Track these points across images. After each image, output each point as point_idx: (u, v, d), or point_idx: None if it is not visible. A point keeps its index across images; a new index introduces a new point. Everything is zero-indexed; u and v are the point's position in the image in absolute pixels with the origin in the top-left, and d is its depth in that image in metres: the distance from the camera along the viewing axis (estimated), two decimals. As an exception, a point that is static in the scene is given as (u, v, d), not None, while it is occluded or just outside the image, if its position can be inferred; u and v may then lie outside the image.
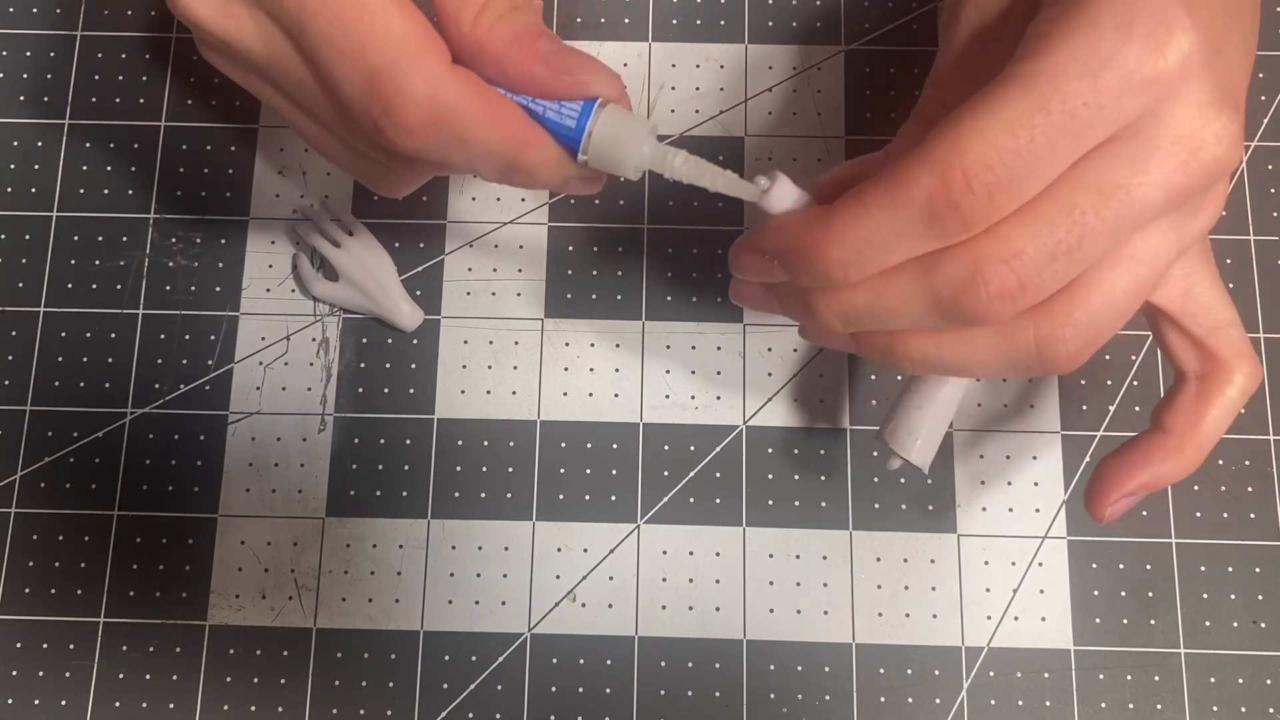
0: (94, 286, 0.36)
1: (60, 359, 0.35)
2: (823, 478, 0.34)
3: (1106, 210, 0.21)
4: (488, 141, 0.24)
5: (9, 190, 0.37)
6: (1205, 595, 0.33)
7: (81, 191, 0.37)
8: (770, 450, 0.35)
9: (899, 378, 0.35)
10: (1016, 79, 0.21)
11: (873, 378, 0.35)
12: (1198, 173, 0.22)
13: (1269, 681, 0.33)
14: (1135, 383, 0.35)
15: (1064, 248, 0.21)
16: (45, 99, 0.37)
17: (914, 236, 0.22)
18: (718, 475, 0.34)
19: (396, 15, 0.24)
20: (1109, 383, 0.35)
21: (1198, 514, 0.34)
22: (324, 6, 0.24)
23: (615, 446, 0.35)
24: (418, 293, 0.36)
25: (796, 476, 0.34)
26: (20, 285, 0.36)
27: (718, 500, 0.34)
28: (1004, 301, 0.22)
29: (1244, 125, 0.23)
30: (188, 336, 0.35)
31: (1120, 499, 0.27)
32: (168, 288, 0.36)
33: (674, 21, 0.38)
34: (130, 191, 0.37)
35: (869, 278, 0.23)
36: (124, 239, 0.36)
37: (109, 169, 0.37)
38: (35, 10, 0.38)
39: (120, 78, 0.37)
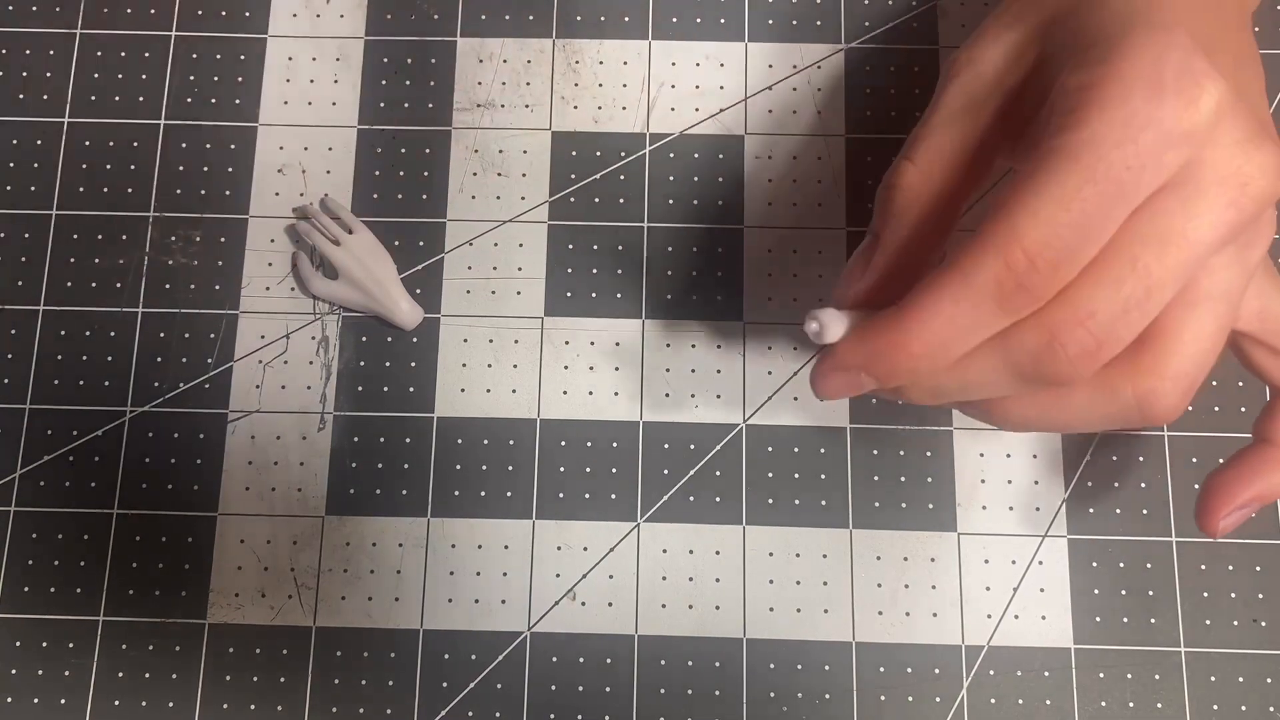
0: (94, 285, 0.36)
1: (60, 357, 0.35)
2: (823, 476, 0.34)
3: (1168, 258, 0.22)
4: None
5: (9, 189, 0.37)
6: (1205, 594, 0.33)
7: (81, 190, 0.37)
8: (770, 449, 0.35)
9: None
10: (1059, 154, 0.21)
11: (873, 376, 0.35)
12: (1248, 207, 0.22)
13: (1269, 680, 0.33)
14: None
15: (1134, 301, 0.22)
16: (45, 98, 0.37)
17: (988, 319, 0.22)
18: (718, 474, 0.34)
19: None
20: (1109, 381, 0.35)
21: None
22: None
23: (615, 445, 0.35)
24: (418, 291, 0.36)
25: (796, 475, 0.34)
26: (20, 284, 0.36)
27: (717, 499, 0.34)
28: (1085, 361, 0.22)
29: None
30: (187, 335, 0.35)
31: (1232, 512, 0.27)
32: (167, 286, 0.36)
33: (674, 20, 0.38)
34: (130, 190, 0.37)
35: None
36: (123, 237, 0.36)
37: (108, 168, 0.37)
38: (35, 9, 0.38)
39: (120, 77, 0.37)
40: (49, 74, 0.37)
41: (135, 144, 0.37)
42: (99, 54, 0.38)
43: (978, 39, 0.26)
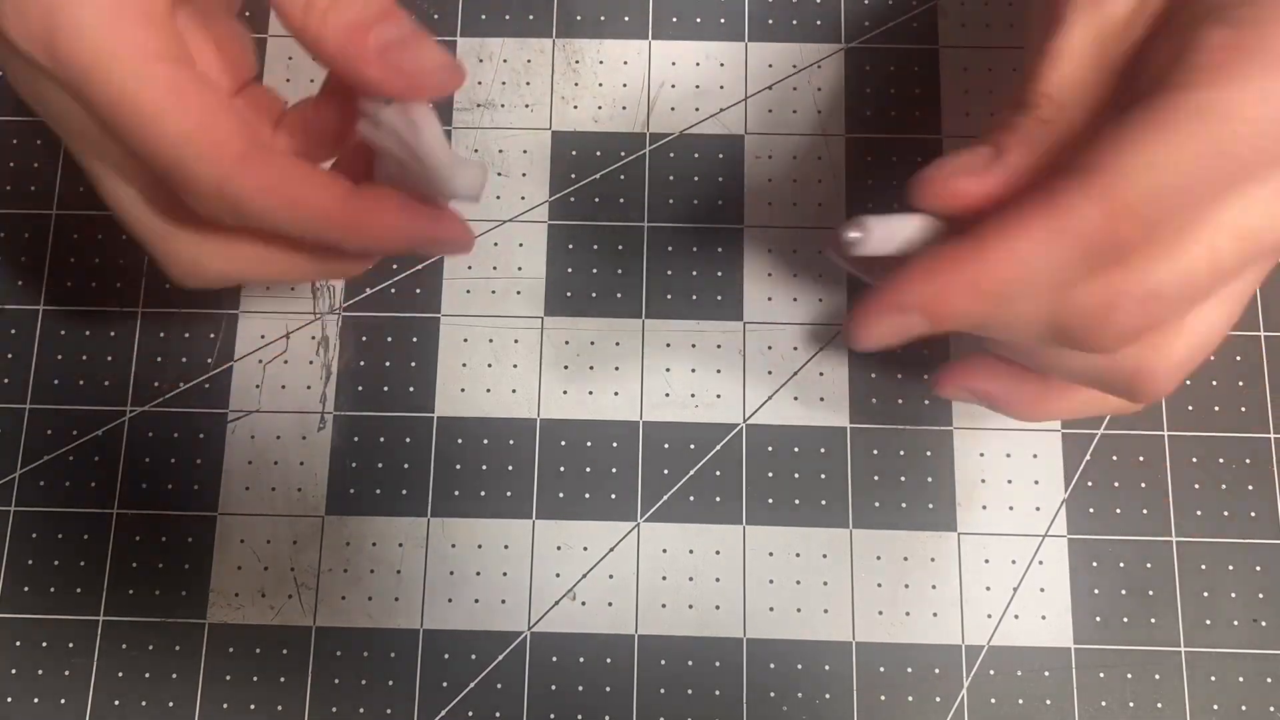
0: (94, 285, 0.36)
1: (60, 357, 0.35)
2: (823, 476, 0.34)
3: (1243, 254, 0.21)
4: (297, 224, 0.23)
5: (9, 189, 0.37)
6: (1206, 593, 0.33)
7: (81, 190, 0.37)
8: (770, 448, 0.35)
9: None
10: (1188, 109, 0.20)
11: (873, 376, 0.35)
12: None
13: (1269, 680, 0.33)
14: (1135, 381, 0.35)
15: (1200, 289, 0.21)
16: (45, 97, 0.37)
17: (1067, 268, 0.21)
18: (718, 473, 0.34)
19: (173, 117, 0.22)
20: (1109, 381, 0.35)
21: (1198, 512, 0.34)
22: (104, 103, 0.22)
23: (615, 445, 0.35)
24: (418, 290, 0.36)
25: (796, 475, 0.34)
26: (20, 283, 0.36)
27: (717, 498, 0.34)
28: (1131, 336, 0.21)
29: None
30: (187, 335, 0.35)
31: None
32: (167, 286, 0.36)
33: (674, 19, 0.38)
34: (130, 190, 0.36)
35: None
36: (123, 236, 0.36)
37: (108, 167, 0.37)
38: (35, 8, 0.38)
39: (120, 76, 0.37)
40: (49, 73, 0.37)
41: (135, 144, 0.37)
42: (99, 53, 0.38)
43: None
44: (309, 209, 0.23)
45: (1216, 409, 0.35)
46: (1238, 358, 0.35)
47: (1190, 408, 0.35)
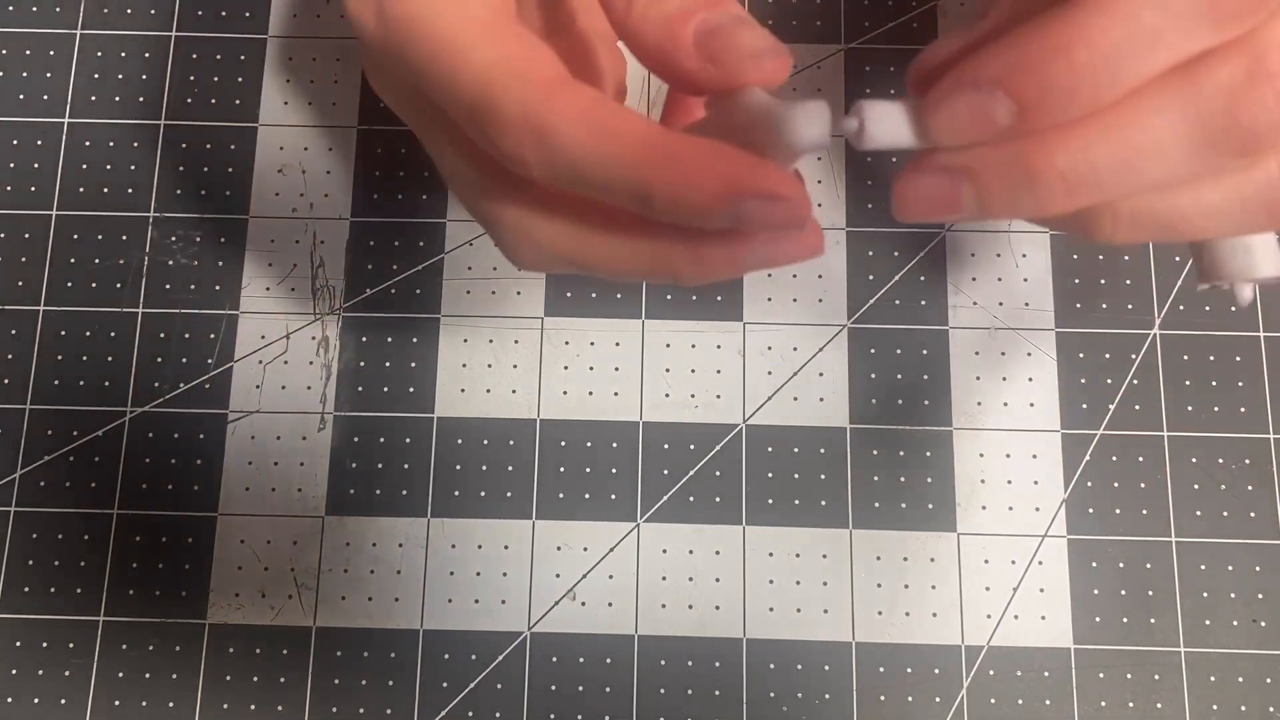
0: (93, 285, 0.36)
1: (60, 358, 0.35)
2: (822, 476, 0.34)
3: None
4: (601, 161, 0.20)
5: (9, 189, 0.37)
6: (1205, 594, 0.33)
7: (81, 190, 0.37)
8: (770, 449, 0.35)
9: None
10: None
11: (873, 376, 0.35)
12: None
13: (1269, 680, 0.33)
14: (1135, 381, 0.35)
15: None
16: (44, 98, 0.37)
17: (1189, 24, 0.17)
18: (717, 474, 0.34)
19: (483, 49, 0.21)
20: (1109, 382, 0.35)
21: (1198, 513, 0.34)
22: (421, 46, 0.21)
23: (615, 445, 0.35)
24: (418, 291, 0.36)
25: (796, 475, 0.34)
26: (20, 284, 0.36)
27: (717, 499, 0.34)
28: None
29: None
30: (187, 335, 0.35)
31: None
32: (167, 286, 0.36)
33: (674, 20, 0.38)
34: (130, 190, 0.37)
35: (1110, 113, 0.18)
36: (123, 238, 0.36)
37: (108, 167, 0.37)
38: (35, 9, 0.38)
39: (119, 76, 0.37)
40: (49, 74, 0.37)
41: (135, 144, 0.37)
42: (99, 54, 0.38)
43: None
44: (619, 139, 0.20)
45: (1216, 409, 0.35)
46: (1237, 358, 0.35)
47: (1190, 408, 0.35)
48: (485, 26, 0.21)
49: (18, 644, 0.34)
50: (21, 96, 0.37)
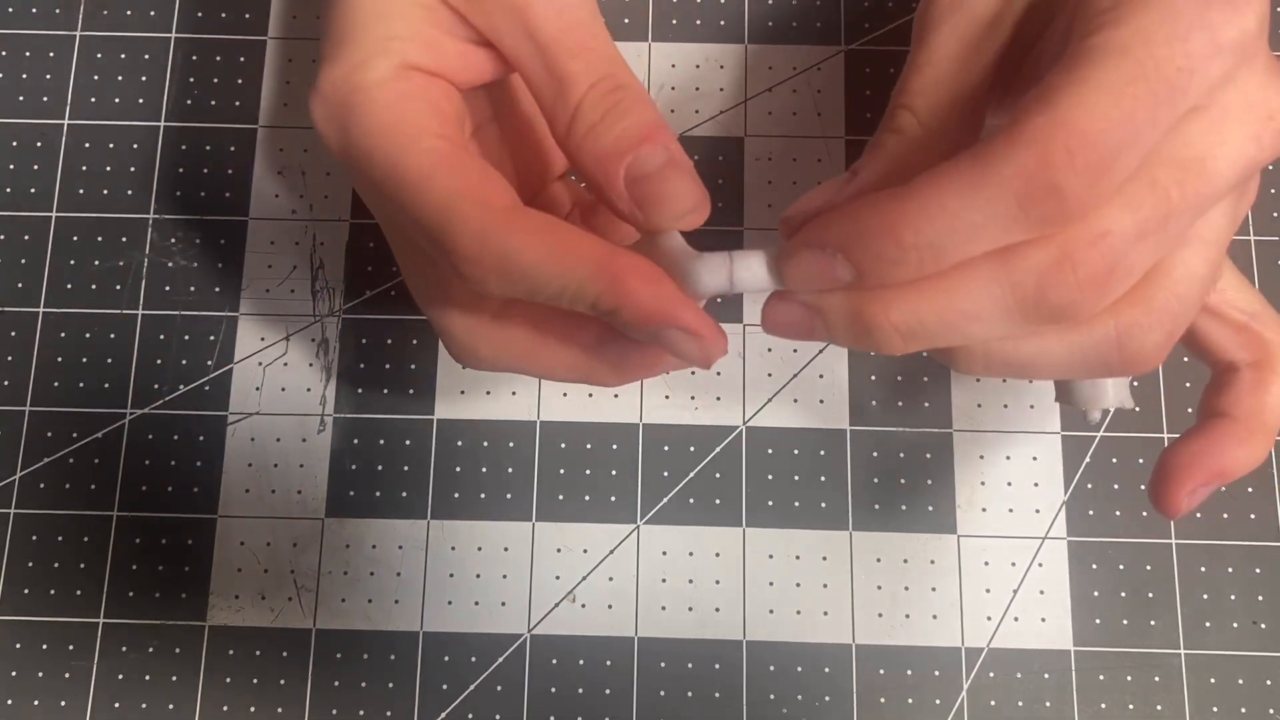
0: (93, 287, 0.36)
1: (59, 359, 0.35)
2: (822, 478, 0.34)
3: (1187, 186, 0.20)
4: (556, 278, 0.22)
5: (9, 190, 0.37)
6: (1205, 596, 0.33)
7: (81, 191, 0.37)
8: (770, 451, 0.35)
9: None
10: (1105, 49, 0.20)
11: (873, 378, 0.35)
12: (1269, 142, 0.21)
13: (1269, 682, 0.33)
14: (1135, 383, 0.35)
15: (1151, 225, 0.20)
16: (45, 99, 0.37)
17: (1002, 223, 0.20)
18: (717, 476, 0.34)
19: (441, 179, 0.23)
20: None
21: (1198, 514, 0.34)
22: (382, 176, 0.23)
23: (615, 447, 0.35)
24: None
25: (796, 477, 0.34)
26: (19, 285, 0.36)
27: (717, 501, 0.34)
28: (1094, 288, 0.20)
29: None
30: (187, 337, 0.35)
31: (1195, 489, 0.26)
32: (167, 288, 0.36)
33: (674, 21, 0.38)
34: (129, 192, 0.37)
35: (936, 281, 0.21)
36: (123, 239, 0.36)
37: (108, 169, 0.37)
38: (35, 10, 0.38)
39: (119, 78, 0.37)
40: (49, 75, 0.37)
41: (135, 145, 0.37)
42: (99, 55, 0.38)
43: None
44: (574, 258, 0.22)
45: (1216, 411, 0.35)
46: (1237, 360, 0.35)
47: (1189, 410, 0.35)
48: (442, 158, 0.23)
49: (17, 646, 0.33)
50: (21, 97, 0.37)
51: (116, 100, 0.37)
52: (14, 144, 0.37)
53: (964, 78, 0.23)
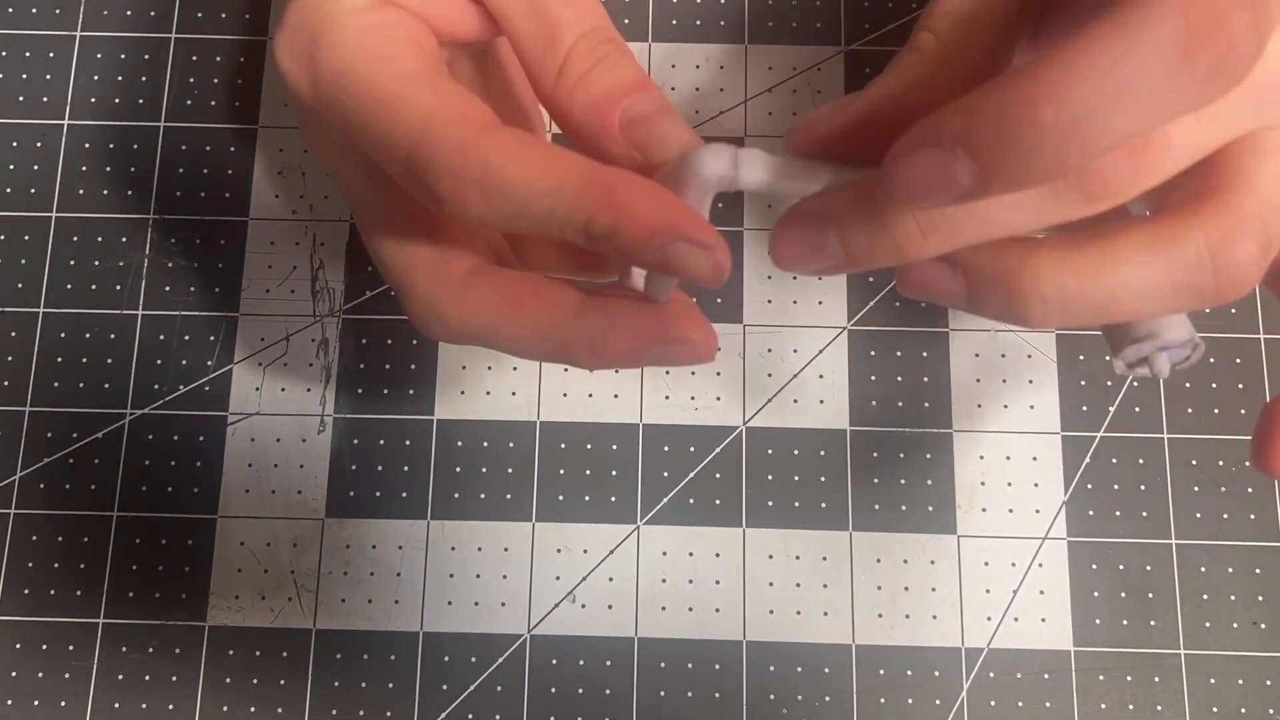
0: (93, 287, 0.36)
1: (59, 360, 0.35)
2: (822, 479, 0.34)
3: None
4: (544, 195, 0.20)
5: (9, 190, 0.37)
6: (1205, 596, 0.33)
7: (81, 192, 0.37)
8: (770, 451, 0.35)
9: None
10: None
11: (872, 378, 0.35)
12: None
13: (1269, 682, 0.33)
14: (1135, 383, 0.35)
15: None
16: (45, 99, 0.37)
17: (1159, 81, 0.17)
18: (717, 476, 0.34)
19: (418, 97, 0.21)
20: (1109, 383, 0.35)
21: (1198, 515, 0.34)
22: (353, 99, 0.22)
23: (615, 447, 0.35)
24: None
25: (796, 477, 0.34)
26: (19, 286, 0.36)
27: (717, 501, 0.34)
28: (1257, 265, 0.19)
29: None
30: (187, 337, 0.35)
31: None
32: (167, 288, 0.36)
33: (674, 21, 0.38)
34: (130, 192, 0.37)
35: (1096, 243, 0.20)
36: (123, 239, 0.36)
37: (108, 169, 0.37)
38: (35, 10, 0.38)
39: (119, 78, 0.37)
40: (49, 75, 0.37)
41: (135, 145, 0.37)
42: (99, 55, 0.38)
43: None
44: (562, 171, 0.20)
45: (1216, 411, 0.35)
46: (1237, 360, 0.35)
47: (1190, 410, 0.35)
48: (418, 77, 0.22)
49: (17, 646, 0.34)
50: (21, 98, 0.37)
51: (116, 100, 0.37)
52: (14, 144, 0.37)
53: (991, 3, 0.21)
